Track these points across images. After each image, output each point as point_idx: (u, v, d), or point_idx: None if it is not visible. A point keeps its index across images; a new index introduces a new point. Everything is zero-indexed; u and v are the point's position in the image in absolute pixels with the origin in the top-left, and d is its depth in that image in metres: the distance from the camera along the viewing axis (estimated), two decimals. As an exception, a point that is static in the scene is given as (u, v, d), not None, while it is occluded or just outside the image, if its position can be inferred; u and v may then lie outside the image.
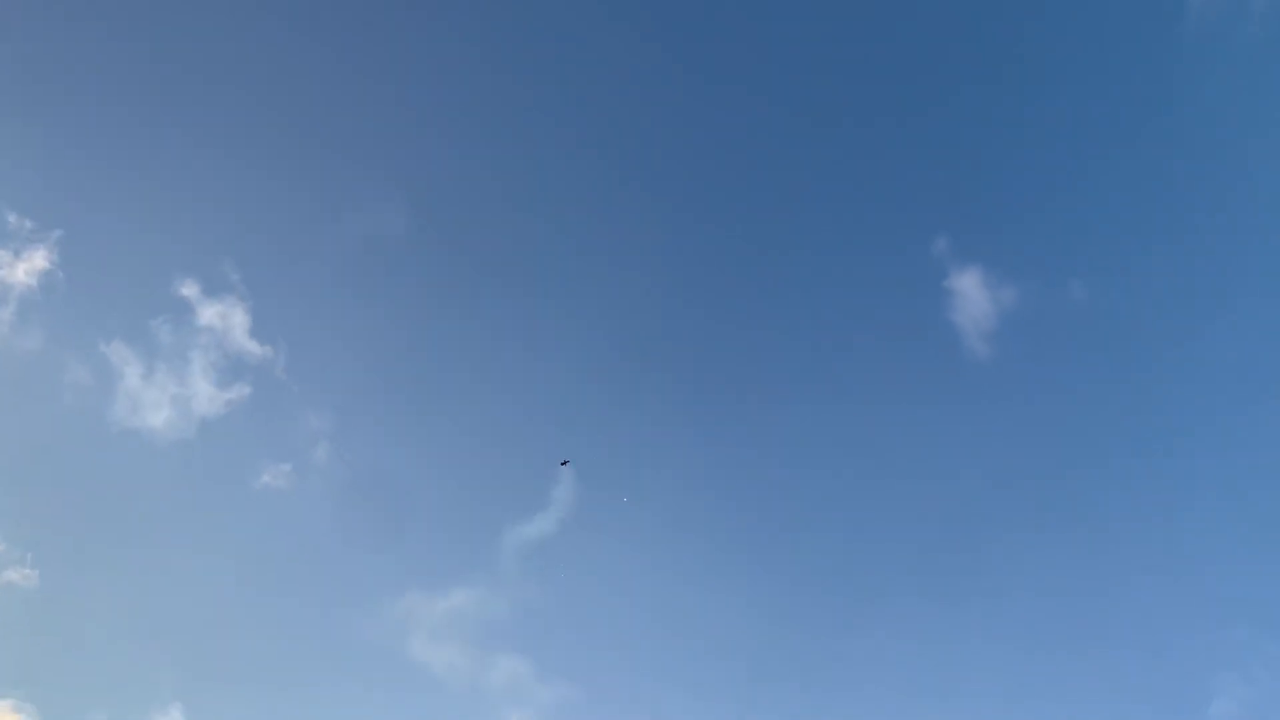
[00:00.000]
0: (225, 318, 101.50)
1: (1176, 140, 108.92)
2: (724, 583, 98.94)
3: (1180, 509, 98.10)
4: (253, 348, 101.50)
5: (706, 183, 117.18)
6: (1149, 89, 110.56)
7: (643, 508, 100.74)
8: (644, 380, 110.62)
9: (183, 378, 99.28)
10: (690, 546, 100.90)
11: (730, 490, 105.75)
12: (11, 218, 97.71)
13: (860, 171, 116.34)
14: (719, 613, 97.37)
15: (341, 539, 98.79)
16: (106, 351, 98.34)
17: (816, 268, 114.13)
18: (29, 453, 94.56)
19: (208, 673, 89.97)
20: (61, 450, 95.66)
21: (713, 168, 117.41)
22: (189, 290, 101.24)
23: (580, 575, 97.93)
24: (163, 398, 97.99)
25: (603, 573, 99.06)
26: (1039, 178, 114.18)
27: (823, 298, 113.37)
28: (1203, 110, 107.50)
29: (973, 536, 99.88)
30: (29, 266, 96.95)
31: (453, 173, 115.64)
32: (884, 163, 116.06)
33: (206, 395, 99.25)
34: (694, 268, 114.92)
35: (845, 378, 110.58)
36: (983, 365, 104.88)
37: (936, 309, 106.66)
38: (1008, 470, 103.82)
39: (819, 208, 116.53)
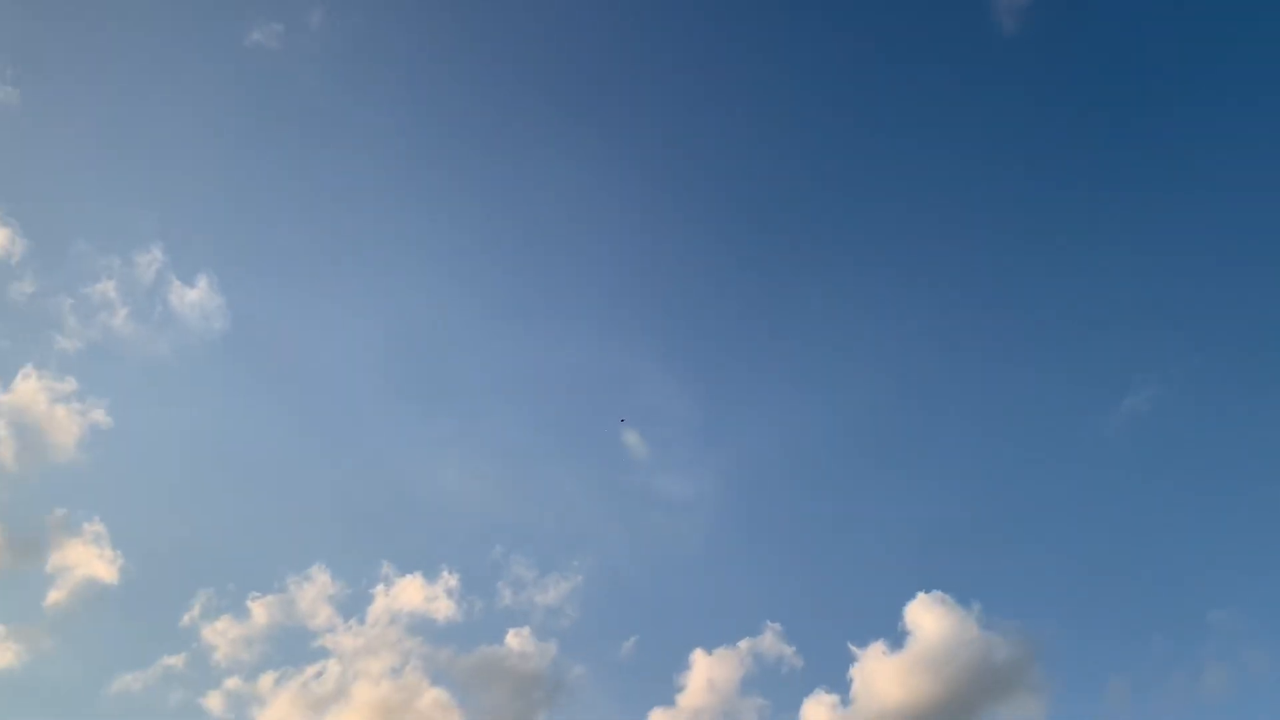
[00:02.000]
0: None
1: None
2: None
3: (1154, 214, 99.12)
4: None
5: None
6: None
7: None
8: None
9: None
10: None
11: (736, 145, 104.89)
12: None
13: None
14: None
15: (325, 119, 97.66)
16: None
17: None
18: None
19: (188, 219, 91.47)
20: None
21: None
22: None
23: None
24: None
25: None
26: None
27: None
28: None
29: (959, 211, 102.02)
30: None
31: None
32: None
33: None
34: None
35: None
36: (1007, 40, 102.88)
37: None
38: (1002, 150, 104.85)
39: None
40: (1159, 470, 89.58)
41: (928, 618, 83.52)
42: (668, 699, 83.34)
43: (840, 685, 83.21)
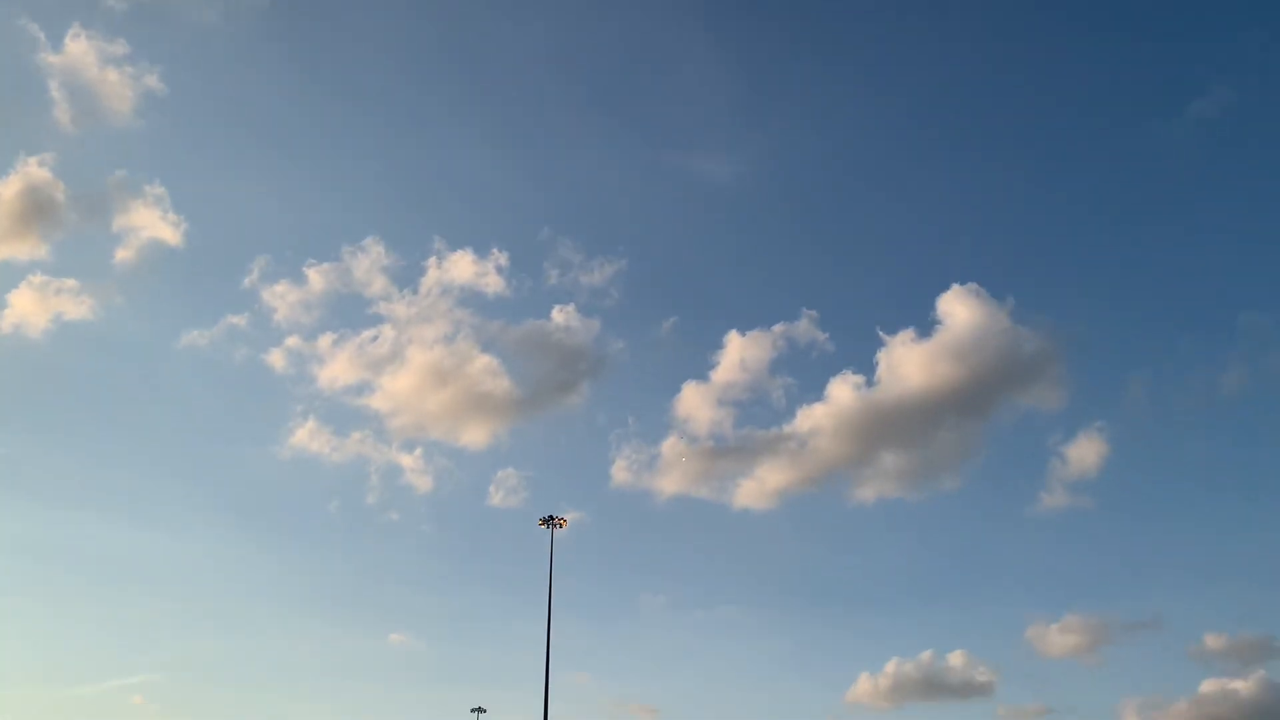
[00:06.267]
0: None
1: None
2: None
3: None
4: None
5: None
6: None
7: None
8: None
9: None
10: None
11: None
12: None
13: None
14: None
15: None
16: None
17: None
18: None
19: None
20: None
21: None
22: None
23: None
24: None
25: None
26: None
27: None
28: None
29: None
30: None
31: None
32: None
33: None
34: None
35: None
36: None
37: None
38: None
39: None
40: (1214, 176, 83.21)
41: (959, 308, 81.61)
42: (701, 374, 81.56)
43: (867, 368, 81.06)
